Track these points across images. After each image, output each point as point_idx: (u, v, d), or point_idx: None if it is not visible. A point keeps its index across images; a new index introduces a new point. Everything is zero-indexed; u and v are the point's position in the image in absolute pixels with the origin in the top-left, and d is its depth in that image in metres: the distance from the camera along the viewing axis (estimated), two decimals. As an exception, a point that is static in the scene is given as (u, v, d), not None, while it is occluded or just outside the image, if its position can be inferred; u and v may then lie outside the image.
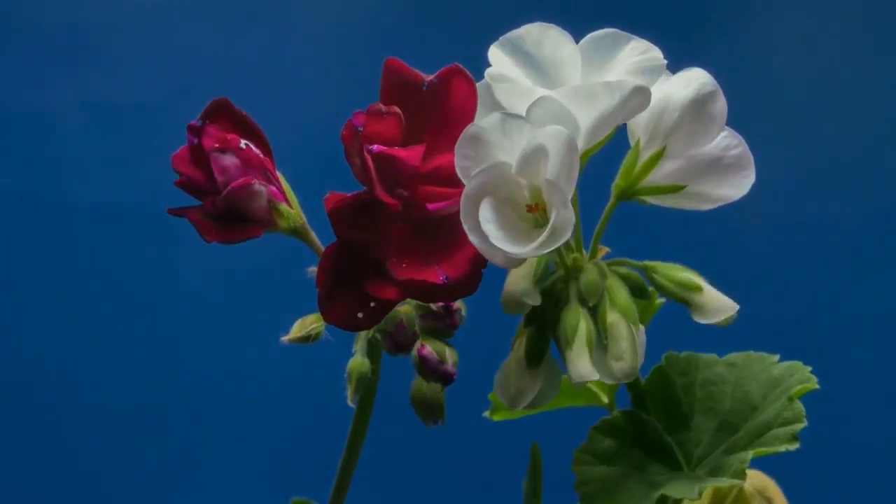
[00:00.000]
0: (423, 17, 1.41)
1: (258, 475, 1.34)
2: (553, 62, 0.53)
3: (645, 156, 0.55)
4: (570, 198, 0.49)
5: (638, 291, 0.55)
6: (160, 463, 1.34)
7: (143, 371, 1.35)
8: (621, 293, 0.54)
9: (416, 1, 1.43)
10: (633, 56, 0.53)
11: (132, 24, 1.40)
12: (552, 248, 0.50)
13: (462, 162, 0.51)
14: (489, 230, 0.49)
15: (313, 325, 0.58)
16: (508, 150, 0.51)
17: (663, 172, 0.55)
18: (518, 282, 0.54)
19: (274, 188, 0.56)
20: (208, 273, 1.33)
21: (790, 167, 1.25)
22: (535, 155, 0.50)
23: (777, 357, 0.60)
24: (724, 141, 0.55)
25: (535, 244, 0.49)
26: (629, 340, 0.52)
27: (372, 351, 0.60)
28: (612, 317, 0.53)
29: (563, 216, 0.49)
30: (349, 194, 0.53)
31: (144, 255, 1.36)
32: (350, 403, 0.60)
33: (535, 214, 0.51)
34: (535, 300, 0.54)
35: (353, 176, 0.53)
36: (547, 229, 0.49)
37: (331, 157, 0.54)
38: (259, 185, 0.55)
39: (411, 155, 0.52)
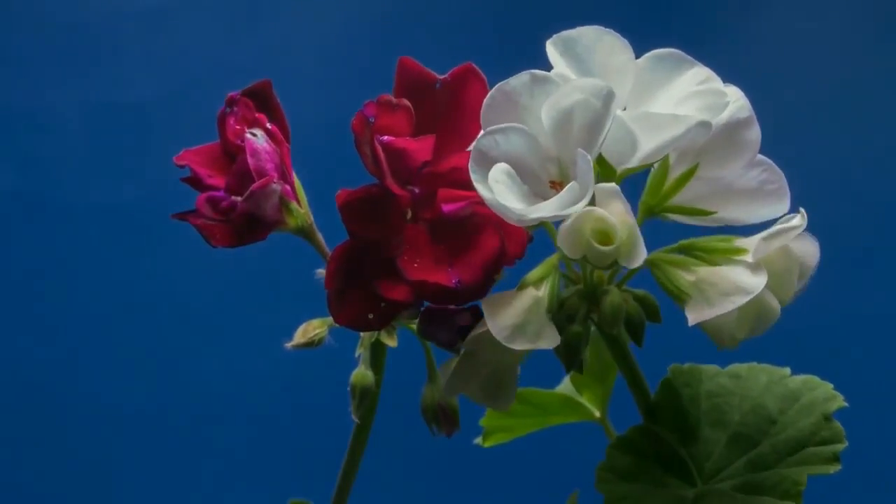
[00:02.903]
0: (426, 17, 1.41)
1: (258, 476, 1.34)
2: (603, 69, 0.52)
3: (674, 174, 0.53)
4: (592, 162, 0.47)
5: (652, 313, 0.53)
6: (160, 463, 1.34)
7: (142, 372, 1.35)
8: (679, 257, 0.53)
9: (420, 1, 1.42)
10: (693, 84, 0.52)
11: (132, 24, 1.40)
12: (563, 213, 0.48)
13: (487, 115, 0.50)
14: (498, 189, 0.48)
15: (317, 331, 0.58)
16: (534, 115, 0.50)
17: (692, 193, 0.53)
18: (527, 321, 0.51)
19: (287, 186, 0.56)
20: (209, 273, 1.33)
21: (790, 167, 1.25)
22: (566, 117, 0.49)
23: (788, 370, 0.59)
24: (763, 175, 0.53)
25: (544, 205, 0.48)
26: (741, 270, 0.51)
27: (375, 357, 0.59)
28: (696, 274, 0.51)
29: (581, 185, 0.47)
30: (359, 187, 0.52)
31: (145, 254, 1.36)
32: (354, 418, 0.59)
33: (557, 190, 0.50)
34: (553, 341, 0.51)
35: (364, 167, 0.53)
36: (563, 191, 0.48)
37: (331, 159, 0.54)
38: (276, 184, 0.55)
39: (421, 147, 0.52)
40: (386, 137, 0.51)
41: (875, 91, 1.39)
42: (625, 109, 0.52)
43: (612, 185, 0.49)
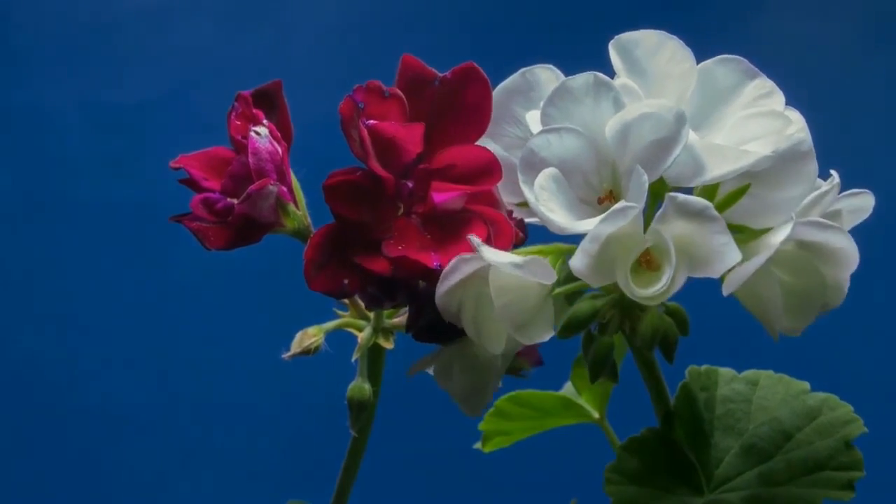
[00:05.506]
0: (427, 16, 1.41)
1: (257, 476, 1.34)
2: (661, 76, 0.51)
3: (725, 189, 0.51)
4: (648, 183, 0.45)
5: (682, 328, 0.52)
6: (160, 463, 1.34)
7: (142, 371, 1.35)
8: None
9: (421, 2, 1.42)
10: (755, 97, 0.51)
11: (132, 24, 1.40)
12: (611, 227, 0.46)
13: (548, 109, 0.49)
14: (542, 197, 0.47)
15: (313, 339, 0.58)
16: (596, 118, 0.49)
17: (742, 210, 0.51)
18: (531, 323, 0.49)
19: (284, 188, 0.55)
20: (207, 272, 1.33)
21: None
22: (633, 129, 0.48)
23: (807, 385, 0.58)
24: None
25: (588, 222, 0.46)
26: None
27: (373, 361, 0.59)
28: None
29: (630, 204, 0.46)
30: (343, 169, 0.52)
31: (144, 254, 1.36)
32: (352, 432, 0.59)
33: (606, 204, 0.48)
34: (546, 333, 0.50)
35: (351, 152, 0.52)
36: (612, 209, 0.46)
37: (330, 160, 0.54)
38: (273, 186, 0.54)
39: (411, 136, 0.51)
40: (372, 121, 0.51)
41: (875, 91, 1.39)
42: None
43: (700, 201, 0.46)
